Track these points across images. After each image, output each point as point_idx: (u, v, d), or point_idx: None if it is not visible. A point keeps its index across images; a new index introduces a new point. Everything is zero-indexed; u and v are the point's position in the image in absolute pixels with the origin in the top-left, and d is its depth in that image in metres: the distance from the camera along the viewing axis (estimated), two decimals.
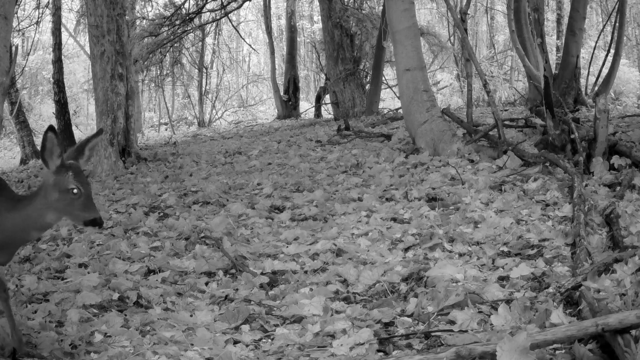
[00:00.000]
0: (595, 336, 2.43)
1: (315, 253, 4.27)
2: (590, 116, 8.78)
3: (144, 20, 17.52)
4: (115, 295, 3.50)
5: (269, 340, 3.00)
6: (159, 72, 20.13)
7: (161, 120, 26.35)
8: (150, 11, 18.89)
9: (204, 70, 24.02)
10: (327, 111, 20.62)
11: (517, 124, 8.93)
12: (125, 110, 10.05)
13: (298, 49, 24.13)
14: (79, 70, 29.31)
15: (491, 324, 2.84)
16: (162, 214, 5.97)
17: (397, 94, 12.58)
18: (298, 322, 3.17)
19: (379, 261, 3.98)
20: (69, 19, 23.14)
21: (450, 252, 4.02)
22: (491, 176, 5.87)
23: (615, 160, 5.68)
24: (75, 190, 2.57)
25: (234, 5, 18.39)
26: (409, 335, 2.85)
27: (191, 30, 18.68)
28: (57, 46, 16.03)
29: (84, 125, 26.47)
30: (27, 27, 17.37)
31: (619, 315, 2.35)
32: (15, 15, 14.11)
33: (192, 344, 2.89)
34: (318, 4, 17.08)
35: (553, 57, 18.80)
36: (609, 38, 15.31)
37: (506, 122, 8.51)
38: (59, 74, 16.03)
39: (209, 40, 23.99)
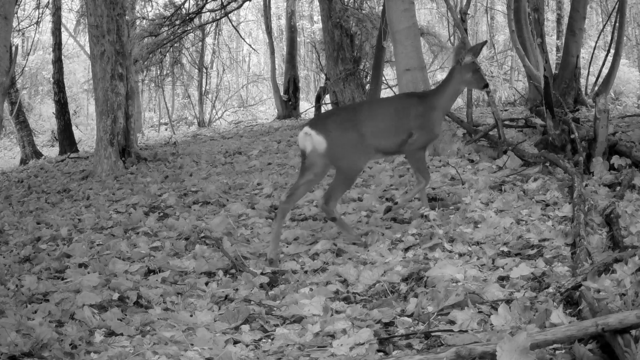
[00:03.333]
0: (595, 336, 2.43)
1: (315, 253, 4.27)
2: (590, 116, 8.77)
3: (144, 20, 17.50)
4: (115, 295, 3.50)
5: (269, 340, 3.00)
6: (159, 72, 20.12)
7: (161, 120, 26.35)
8: (150, 11, 18.89)
9: (204, 70, 24.02)
10: None
11: (517, 124, 8.92)
12: (125, 110, 10.05)
13: (298, 49, 24.12)
14: (79, 70, 29.32)
15: (491, 324, 2.84)
16: (162, 214, 5.97)
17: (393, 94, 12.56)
18: (298, 322, 3.17)
19: (379, 261, 3.97)
20: (69, 19, 23.15)
21: (450, 252, 4.01)
22: (491, 176, 5.86)
23: (615, 160, 5.68)
24: (480, 68, 4.60)
25: (234, 5, 18.38)
26: (409, 335, 2.85)
27: (191, 30, 18.67)
28: (57, 46, 16.04)
29: (84, 125, 26.46)
30: (27, 27, 17.38)
31: (619, 315, 2.35)
32: (15, 15, 14.11)
33: (192, 344, 2.88)
34: (318, 4, 17.07)
35: (553, 57, 18.80)
36: (609, 38, 15.30)
37: (506, 122, 8.50)
38: (59, 74, 16.04)
39: (209, 40, 23.98)
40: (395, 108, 4.58)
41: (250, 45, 26.02)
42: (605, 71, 13.64)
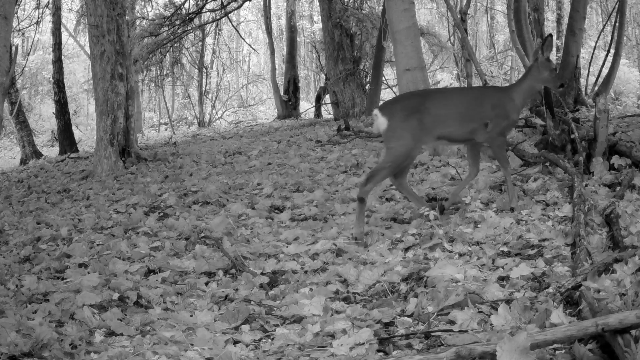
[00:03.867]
0: (595, 336, 2.43)
1: (315, 253, 4.27)
2: (590, 116, 8.77)
3: (144, 20, 17.51)
4: (115, 295, 3.50)
5: (269, 340, 3.00)
6: (159, 72, 20.13)
7: (161, 120, 26.37)
8: (150, 11, 18.91)
9: (204, 70, 24.02)
10: (327, 111, 20.62)
11: (517, 124, 8.92)
12: (125, 110, 10.05)
13: (298, 49, 24.13)
14: (79, 70, 29.34)
15: (491, 324, 2.84)
16: (162, 214, 5.97)
17: (397, 94, 12.57)
18: (298, 322, 3.17)
19: (379, 261, 3.97)
20: (69, 19, 23.17)
21: (450, 252, 4.01)
22: (491, 176, 5.86)
23: (615, 160, 5.67)
24: (555, 68, 4.74)
25: (234, 5, 18.39)
26: (409, 335, 2.85)
27: (191, 30, 18.68)
28: (57, 46, 16.04)
29: (84, 125, 26.49)
30: (27, 27, 17.41)
31: (619, 315, 2.35)
32: (15, 15, 14.12)
33: (192, 344, 2.88)
34: (318, 4, 17.08)
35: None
36: (609, 38, 15.31)
37: None
38: (59, 74, 16.04)
39: (209, 40, 24.00)
40: (468, 97, 4.84)
41: (250, 45, 26.03)
42: (605, 71, 13.64)
